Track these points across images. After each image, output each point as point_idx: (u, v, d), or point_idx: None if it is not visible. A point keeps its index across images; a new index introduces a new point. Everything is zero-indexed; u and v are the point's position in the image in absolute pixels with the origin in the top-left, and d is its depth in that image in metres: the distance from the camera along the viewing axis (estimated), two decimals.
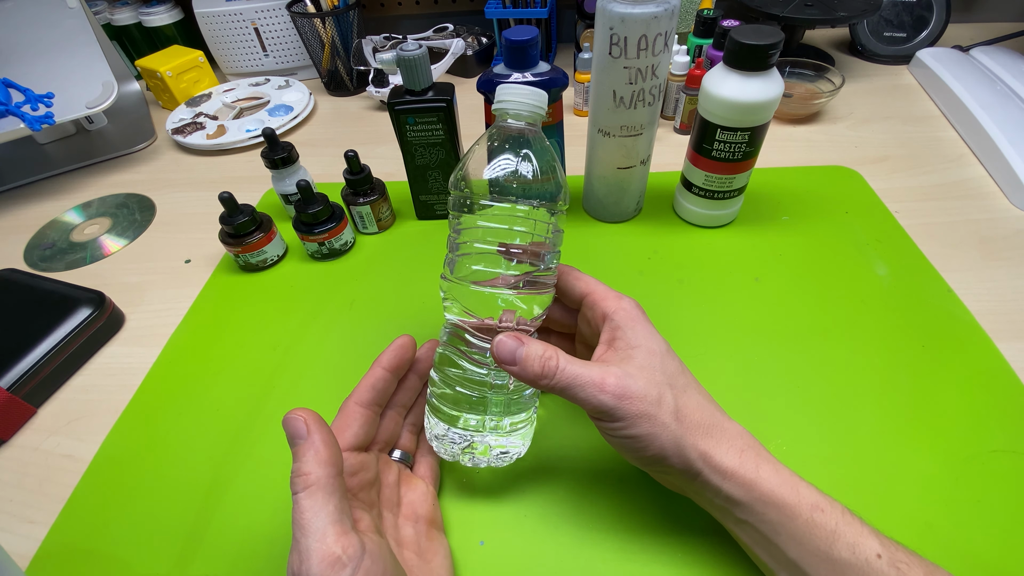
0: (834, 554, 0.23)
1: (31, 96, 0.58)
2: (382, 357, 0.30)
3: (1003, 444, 0.32)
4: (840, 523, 0.23)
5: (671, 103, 0.63)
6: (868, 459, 0.32)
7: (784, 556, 0.24)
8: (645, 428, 0.25)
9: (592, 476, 0.33)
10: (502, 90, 0.28)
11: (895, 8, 0.71)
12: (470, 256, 0.28)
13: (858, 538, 0.23)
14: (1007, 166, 0.50)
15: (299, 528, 0.21)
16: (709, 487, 0.25)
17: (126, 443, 0.37)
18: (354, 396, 0.29)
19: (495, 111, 0.28)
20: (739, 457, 0.25)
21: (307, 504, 0.21)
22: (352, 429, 0.28)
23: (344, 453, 0.26)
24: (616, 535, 0.30)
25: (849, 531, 0.23)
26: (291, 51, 0.78)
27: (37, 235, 0.56)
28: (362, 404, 0.28)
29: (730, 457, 0.25)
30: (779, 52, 0.38)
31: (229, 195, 0.44)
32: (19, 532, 0.33)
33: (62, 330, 0.41)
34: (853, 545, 0.23)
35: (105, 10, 0.80)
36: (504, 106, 0.28)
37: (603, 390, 0.25)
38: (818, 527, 0.23)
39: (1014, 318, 0.39)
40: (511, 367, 0.26)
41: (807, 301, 0.42)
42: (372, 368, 0.30)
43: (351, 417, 0.28)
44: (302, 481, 0.21)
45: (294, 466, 0.22)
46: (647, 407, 0.25)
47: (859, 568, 0.22)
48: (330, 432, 0.23)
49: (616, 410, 0.25)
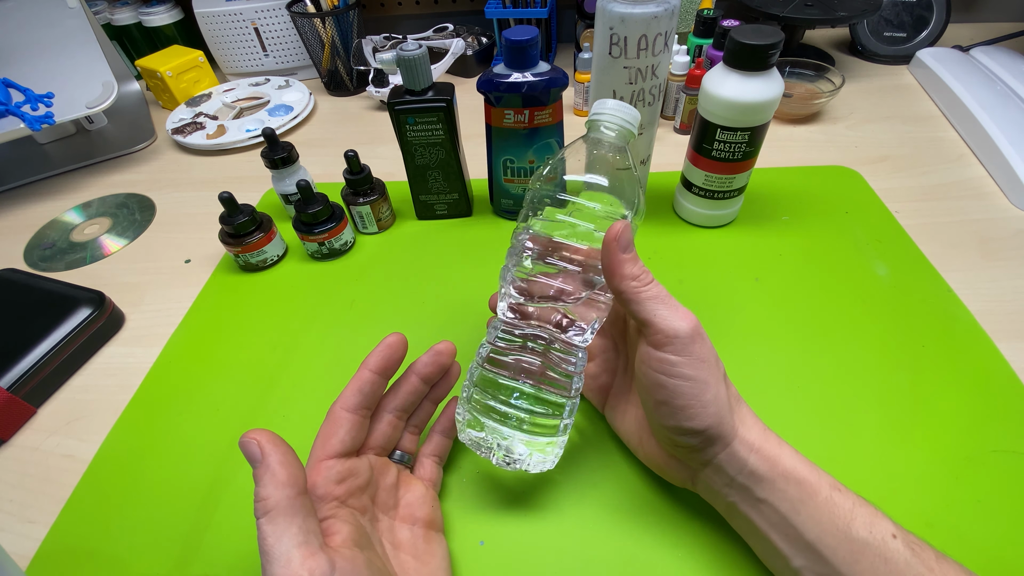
0: (853, 533, 0.23)
1: (31, 96, 0.58)
2: (369, 359, 0.28)
3: (1003, 444, 0.32)
4: (856, 504, 0.24)
5: (671, 103, 0.63)
6: (868, 459, 0.32)
7: (802, 538, 0.24)
8: (705, 373, 0.25)
9: (592, 476, 0.33)
10: (603, 105, 0.30)
11: (895, 8, 0.71)
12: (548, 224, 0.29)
13: (874, 518, 0.23)
14: (1007, 166, 0.50)
15: (264, 556, 0.20)
16: (734, 461, 0.25)
17: (126, 443, 0.37)
18: (340, 401, 0.28)
19: (592, 121, 0.31)
20: (763, 433, 0.26)
21: (269, 530, 0.20)
22: (338, 435, 0.27)
23: (330, 460, 0.26)
24: (616, 535, 0.30)
25: (864, 512, 0.23)
26: (291, 51, 0.78)
27: (37, 235, 0.56)
28: (348, 409, 0.27)
29: (755, 432, 0.26)
30: (779, 52, 0.38)
31: (229, 195, 0.44)
32: (19, 532, 0.33)
33: (62, 330, 0.41)
34: (871, 524, 0.23)
35: (105, 10, 0.80)
36: (602, 118, 0.30)
37: (684, 319, 0.25)
38: (838, 506, 0.23)
39: (1014, 318, 0.39)
40: (621, 254, 0.26)
41: (807, 301, 0.42)
42: (359, 371, 0.28)
43: (337, 423, 0.27)
44: (262, 507, 0.21)
45: (255, 491, 0.21)
46: (711, 356, 0.26)
47: (877, 547, 0.22)
48: (288, 450, 0.22)
49: (691, 342, 0.25)
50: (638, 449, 0.31)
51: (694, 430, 0.25)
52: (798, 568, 0.24)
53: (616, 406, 0.33)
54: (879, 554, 0.22)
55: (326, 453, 0.26)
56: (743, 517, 0.26)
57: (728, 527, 0.29)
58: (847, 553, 0.23)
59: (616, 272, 0.26)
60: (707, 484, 0.27)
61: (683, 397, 0.25)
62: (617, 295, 0.27)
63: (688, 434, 0.26)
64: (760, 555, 0.27)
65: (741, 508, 0.26)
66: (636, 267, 0.26)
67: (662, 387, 0.25)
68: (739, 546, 0.29)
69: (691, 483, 0.28)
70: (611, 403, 0.33)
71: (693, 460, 0.27)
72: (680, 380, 0.25)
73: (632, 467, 0.33)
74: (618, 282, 0.26)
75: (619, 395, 0.33)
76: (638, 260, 0.26)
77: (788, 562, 0.25)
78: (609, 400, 0.33)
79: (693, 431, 0.25)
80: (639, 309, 0.26)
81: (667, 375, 0.25)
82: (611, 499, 0.32)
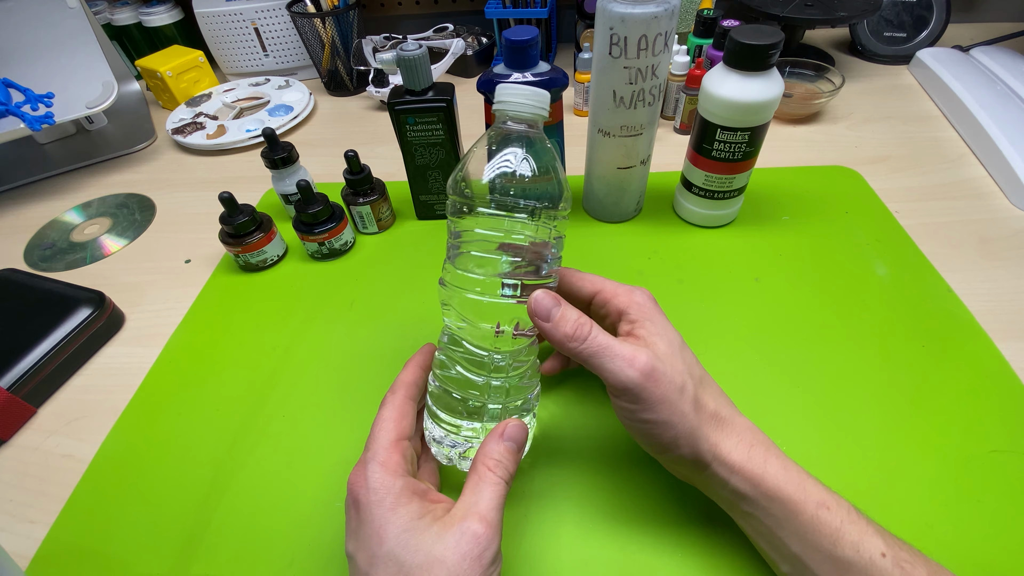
0: (837, 552, 0.23)
1: (31, 96, 0.58)
2: (415, 358, 0.31)
3: (1003, 444, 0.32)
4: (845, 522, 0.23)
5: (671, 103, 0.63)
6: (868, 459, 0.32)
7: (788, 550, 0.24)
8: (665, 414, 0.25)
9: (593, 475, 0.33)
10: (502, 89, 0.27)
11: (895, 8, 0.71)
12: (468, 257, 0.28)
13: (863, 537, 0.23)
14: (1007, 166, 0.50)
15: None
16: (716, 479, 0.26)
17: (126, 443, 0.37)
18: (403, 390, 0.29)
19: (495, 111, 0.28)
20: (748, 452, 0.25)
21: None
22: (408, 418, 0.28)
23: (405, 441, 0.27)
24: (617, 534, 0.30)
25: (854, 530, 0.23)
26: (291, 51, 0.78)
27: (37, 235, 0.56)
28: (412, 398, 0.29)
29: (739, 451, 0.25)
30: (779, 52, 0.38)
31: (229, 195, 0.44)
32: (19, 532, 0.33)
33: (62, 330, 0.41)
34: (857, 544, 0.23)
35: (105, 10, 0.80)
36: (504, 106, 0.27)
37: (632, 365, 0.25)
38: (823, 524, 0.23)
39: (1014, 318, 0.39)
40: (544, 324, 0.26)
41: (807, 301, 0.42)
42: (411, 368, 0.30)
43: (406, 407, 0.28)
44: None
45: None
46: (670, 392, 0.25)
47: (862, 567, 0.22)
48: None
49: (642, 390, 0.25)
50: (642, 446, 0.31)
51: (671, 458, 0.26)
52: (787, 574, 0.25)
53: None
54: (864, 573, 0.22)
55: (400, 434, 0.27)
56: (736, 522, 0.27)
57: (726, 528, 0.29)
58: (832, 570, 0.23)
59: (553, 339, 0.26)
60: (702, 486, 0.28)
61: (648, 437, 0.26)
62: (565, 354, 0.28)
63: (663, 454, 0.27)
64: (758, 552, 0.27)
65: (733, 514, 0.27)
66: (568, 326, 0.26)
67: (629, 428, 0.27)
68: (736, 550, 0.29)
69: (691, 483, 0.29)
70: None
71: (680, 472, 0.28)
72: (640, 424, 0.26)
73: (632, 468, 0.33)
74: (559, 346, 0.26)
75: None
76: (567, 316, 0.26)
77: (779, 567, 0.26)
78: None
79: (671, 458, 0.27)
80: (588, 366, 0.26)
81: (628, 420, 0.26)
82: (611, 500, 0.32)
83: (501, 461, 0.25)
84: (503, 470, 0.25)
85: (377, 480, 0.24)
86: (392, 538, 0.22)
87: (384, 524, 0.23)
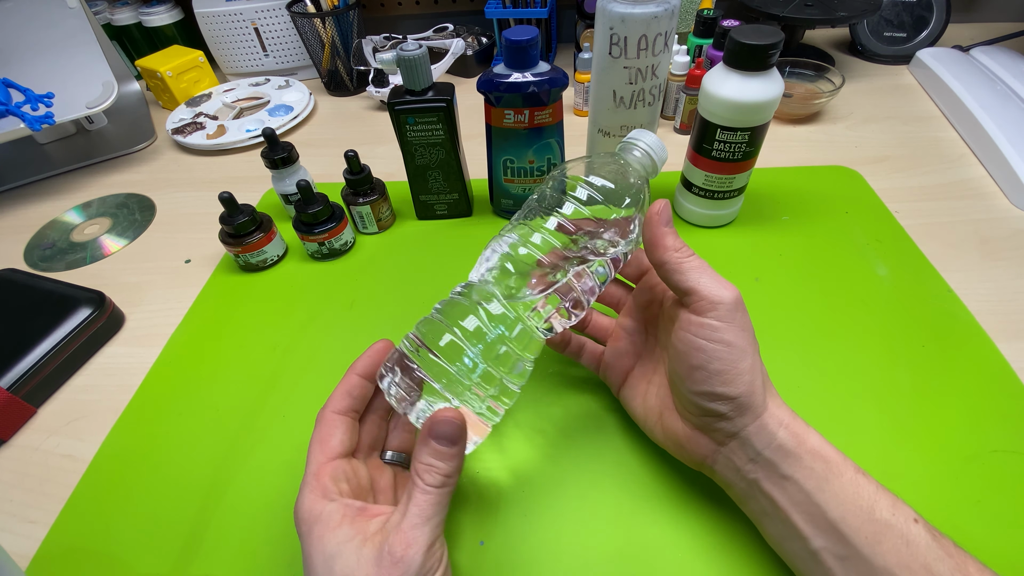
0: (876, 514, 0.23)
1: (31, 96, 0.58)
2: (357, 364, 0.28)
3: (1003, 444, 0.32)
4: (880, 488, 0.24)
5: (671, 103, 0.63)
6: (868, 459, 0.32)
7: (825, 517, 0.24)
8: (745, 341, 0.26)
9: (592, 475, 0.33)
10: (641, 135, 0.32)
11: (895, 8, 0.71)
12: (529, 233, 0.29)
13: (896, 503, 0.23)
14: (1007, 166, 0.50)
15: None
16: (763, 433, 0.25)
17: (126, 443, 0.37)
18: (330, 405, 0.27)
19: (625, 144, 0.32)
20: (791, 413, 0.26)
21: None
22: (336, 436, 0.27)
23: (334, 461, 0.26)
24: (617, 535, 0.30)
25: (888, 496, 0.24)
26: (291, 51, 0.78)
27: (37, 235, 0.56)
28: (339, 412, 0.27)
29: (785, 410, 0.26)
30: (779, 52, 0.38)
31: (229, 195, 0.44)
32: (19, 532, 0.33)
33: (62, 330, 0.41)
34: (893, 507, 0.23)
35: (105, 10, 0.80)
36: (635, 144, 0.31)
37: (727, 288, 0.26)
38: (862, 487, 0.24)
39: (1014, 318, 0.39)
40: (662, 227, 0.27)
41: (807, 301, 0.42)
42: (347, 375, 0.28)
43: (332, 425, 0.27)
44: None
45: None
46: (748, 327, 0.26)
47: (899, 529, 0.22)
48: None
49: (735, 308, 0.26)
50: (656, 426, 0.30)
51: (727, 395, 0.25)
52: (817, 549, 0.24)
53: (636, 386, 0.33)
54: (901, 536, 0.22)
55: (328, 455, 0.26)
56: (764, 495, 0.26)
57: (731, 525, 0.28)
58: (870, 533, 0.23)
59: (659, 244, 0.27)
60: (727, 460, 0.27)
61: (721, 362, 0.25)
62: (660, 267, 0.28)
63: (721, 400, 0.26)
64: (775, 538, 0.26)
65: (764, 486, 0.26)
66: (677, 240, 0.27)
67: (701, 351, 0.26)
68: (739, 547, 0.29)
69: (709, 461, 0.28)
70: (631, 383, 0.33)
71: (720, 432, 0.27)
72: (720, 345, 0.25)
73: (632, 468, 0.33)
74: (661, 253, 0.27)
75: (641, 376, 0.33)
76: (678, 235, 0.27)
77: (807, 543, 0.24)
78: (629, 381, 0.33)
79: (726, 396, 0.26)
80: (682, 279, 0.26)
81: (708, 340, 0.26)
82: (611, 500, 0.32)
83: (432, 465, 0.24)
84: (433, 475, 0.24)
85: (304, 509, 0.24)
86: (320, 565, 0.23)
87: (311, 552, 0.23)
